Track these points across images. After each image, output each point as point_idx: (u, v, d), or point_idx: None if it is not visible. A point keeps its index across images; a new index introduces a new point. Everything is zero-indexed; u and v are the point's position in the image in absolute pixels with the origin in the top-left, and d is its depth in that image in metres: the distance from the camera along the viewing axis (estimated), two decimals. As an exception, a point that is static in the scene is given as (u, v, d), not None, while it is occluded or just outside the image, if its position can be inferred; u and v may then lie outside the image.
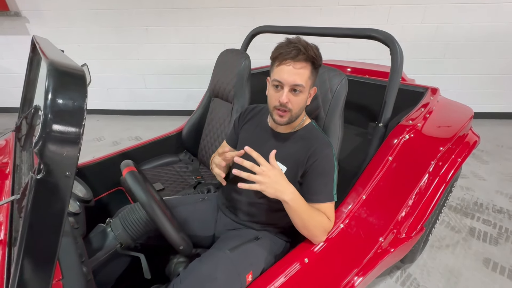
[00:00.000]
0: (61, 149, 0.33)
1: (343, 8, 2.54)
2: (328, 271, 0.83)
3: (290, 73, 0.75)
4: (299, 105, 0.79)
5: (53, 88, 0.33)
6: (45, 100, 0.32)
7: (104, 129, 2.97)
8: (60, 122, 0.33)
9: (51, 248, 0.35)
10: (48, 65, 0.35)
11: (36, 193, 0.33)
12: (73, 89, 0.34)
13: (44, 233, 0.35)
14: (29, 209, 0.33)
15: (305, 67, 0.76)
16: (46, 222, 0.34)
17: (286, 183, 0.71)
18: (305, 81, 0.76)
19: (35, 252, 0.35)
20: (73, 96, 0.34)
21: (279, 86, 0.78)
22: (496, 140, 2.55)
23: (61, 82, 0.34)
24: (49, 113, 0.32)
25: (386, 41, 1.01)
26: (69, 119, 0.34)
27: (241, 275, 0.75)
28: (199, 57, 2.88)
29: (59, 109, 0.33)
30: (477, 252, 1.46)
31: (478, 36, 2.58)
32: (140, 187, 0.68)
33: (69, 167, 0.34)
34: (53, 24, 2.77)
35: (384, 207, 0.96)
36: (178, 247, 0.71)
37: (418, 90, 1.39)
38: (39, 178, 0.33)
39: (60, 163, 0.34)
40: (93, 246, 0.72)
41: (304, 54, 0.74)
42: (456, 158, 1.08)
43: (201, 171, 1.54)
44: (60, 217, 0.35)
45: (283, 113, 0.79)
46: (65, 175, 0.34)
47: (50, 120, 0.32)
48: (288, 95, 0.77)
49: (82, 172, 1.29)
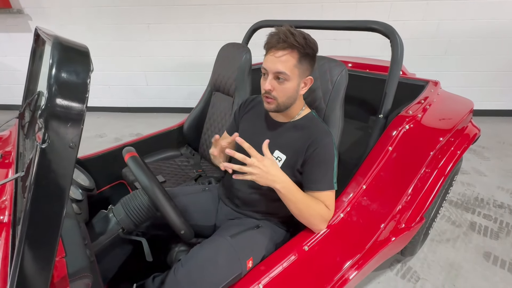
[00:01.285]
0: (66, 121, 0.34)
1: (344, 4, 2.55)
2: (328, 259, 0.83)
3: (272, 61, 0.76)
4: (285, 94, 0.79)
5: (58, 60, 0.33)
6: (50, 72, 0.33)
7: (105, 126, 2.99)
8: (64, 94, 0.34)
9: (56, 217, 0.36)
10: (53, 39, 0.36)
11: (41, 162, 0.34)
12: (78, 62, 0.35)
13: (48, 202, 0.36)
14: (33, 177, 0.34)
15: (288, 54, 0.75)
16: (50, 190, 0.35)
17: (277, 172, 0.73)
18: (289, 68, 0.76)
19: (40, 221, 0.36)
20: (78, 70, 0.35)
21: (265, 74, 0.79)
22: (497, 137, 2.55)
23: (66, 55, 0.35)
24: (54, 85, 0.33)
25: (387, 33, 1.01)
26: (73, 92, 0.35)
27: (242, 261, 0.76)
28: (200, 54, 2.89)
29: (64, 81, 0.34)
30: (477, 246, 1.46)
31: (480, 33, 2.58)
32: (142, 170, 0.69)
33: (73, 138, 0.35)
34: (55, 21, 2.79)
35: (384, 197, 0.96)
36: (180, 231, 0.72)
37: (418, 83, 1.39)
38: (44, 147, 0.33)
39: (64, 134, 0.34)
40: (96, 230, 0.73)
41: (284, 42, 0.74)
42: (456, 150, 1.08)
43: (202, 165, 1.55)
44: (64, 186, 0.36)
45: (269, 100, 0.80)
46: (69, 145, 0.35)
47: (55, 91, 0.33)
48: (272, 82, 0.78)
49: (84, 165, 1.30)
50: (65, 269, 0.47)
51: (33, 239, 0.37)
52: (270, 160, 0.73)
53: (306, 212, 0.78)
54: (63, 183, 0.36)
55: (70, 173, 0.36)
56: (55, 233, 0.37)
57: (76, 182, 0.92)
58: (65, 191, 0.36)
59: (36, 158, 0.34)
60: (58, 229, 0.37)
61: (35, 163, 0.34)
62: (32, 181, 0.34)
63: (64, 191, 0.36)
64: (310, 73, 0.83)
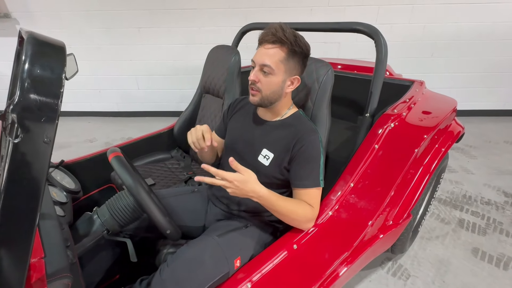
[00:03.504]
0: (39, 115, 0.34)
1: (333, 8, 2.60)
2: (317, 257, 0.83)
3: (260, 53, 0.79)
4: (269, 87, 0.80)
5: (31, 54, 0.33)
6: (23, 66, 0.33)
7: (96, 131, 2.95)
8: (38, 89, 0.34)
9: (30, 214, 0.36)
10: (28, 34, 0.36)
11: (14, 157, 0.33)
12: (52, 57, 0.35)
13: (22, 198, 0.35)
14: (6, 173, 0.33)
15: (277, 49, 0.77)
16: (24, 185, 0.35)
17: (253, 185, 0.70)
18: (274, 62, 0.77)
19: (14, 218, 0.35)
20: (52, 64, 0.35)
21: (254, 66, 0.81)
22: (484, 136, 2.61)
23: (40, 50, 0.35)
24: (27, 79, 0.33)
25: (371, 34, 1.04)
26: (47, 86, 0.35)
27: (229, 260, 0.75)
28: (192, 58, 2.89)
29: (37, 76, 0.33)
30: (466, 242, 1.49)
31: (464, 35, 2.66)
32: (125, 170, 0.68)
33: (48, 133, 0.35)
34: (43, 25, 2.76)
35: (371, 194, 0.97)
36: (165, 231, 0.71)
37: (404, 83, 1.42)
38: (17, 142, 0.33)
39: (38, 129, 0.34)
40: (80, 233, 0.72)
41: (273, 35, 0.76)
42: (440, 147, 1.10)
43: (193, 167, 1.54)
44: (39, 183, 0.35)
45: (254, 92, 0.82)
46: (43, 141, 0.35)
47: (28, 86, 0.33)
48: (258, 74, 0.80)
49: (72, 168, 1.28)
50: (43, 270, 0.46)
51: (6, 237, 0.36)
52: (241, 176, 0.69)
53: (288, 217, 0.79)
54: (37, 178, 0.35)
55: (45, 168, 0.36)
56: (30, 230, 0.36)
57: (61, 184, 0.91)
58: (39, 187, 0.36)
59: (9, 154, 0.34)
60: (33, 226, 0.36)
61: (7, 159, 0.34)
62: (4, 176, 0.34)
63: (38, 187, 0.36)
64: (298, 73, 0.83)
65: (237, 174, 0.68)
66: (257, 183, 0.71)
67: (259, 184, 0.72)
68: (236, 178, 0.67)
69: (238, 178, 0.68)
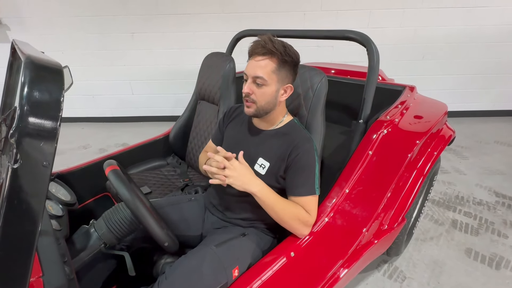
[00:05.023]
0: (38, 140, 0.34)
1: (326, 13, 2.63)
2: (314, 264, 0.84)
3: (252, 65, 0.80)
4: (264, 98, 0.82)
5: (30, 80, 0.34)
6: (21, 92, 0.33)
7: (90, 137, 2.92)
8: (36, 114, 0.34)
9: (29, 239, 0.36)
10: (25, 59, 0.36)
11: (13, 182, 0.34)
12: (50, 81, 0.35)
13: (21, 223, 0.35)
14: (5, 198, 0.34)
15: (267, 60, 0.78)
16: (22, 210, 0.35)
17: (252, 177, 0.79)
18: (267, 74, 0.79)
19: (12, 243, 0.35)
20: (50, 88, 0.35)
21: (246, 79, 0.83)
22: (475, 137, 2.67)
23: (38, 75, 0.35)
24: (26, 105, 0.33)
25: (363, 42, 1.06)
26: (46, 111, 0.35)
27: (227, 270, 0.76)
28: (186, 62, 2.89)
29: (36, 101, 0.34)
30: (459, 242, 1.52)
31: (453, 38, 2.72)
32: (123, 184, 0.68)
33: (47, 157, 0.35)
34: (35, 31, 2.73)
35: (366, 200, 0.99)
36: (163, 244, 0.71)
37: (396, 88, 1.45)
38: (16, 167, 0.33)
39: (37, 153, 0.34)
40: (77, 247, 0.71)
41: (263, 47, 0.77)
42: (433, 151, 1.13)
43: (189, 174, 1.54)
44: (38, 207, 0.35)
45: (248, 104, 0.83)
46: (42, 164, 0.35)
47: (27, 111, 0.33)
48: (251, 86, 0.81)
49: (67, 178, 1.27)
50: (42, 289, 0.46)
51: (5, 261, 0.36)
52: (246, 166, 0.79)
53: (284, 216, 0.80)
54: (36, 203, 0.36)
55: (43, 192, 0.36)
56: (29, 254, 0.36)
57: (56, 197, 0.90)
58: (38, 211, 0.36)
59: (7, 179, 0.34)
60: (32, 250, 0.36)
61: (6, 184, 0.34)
62: (3, 202, 0.34)
63: (37, 211, 0.36)
64: (290, 81, 0.85)
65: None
66: (256, 177, 0.79)
67: (258, 178, 0.79)
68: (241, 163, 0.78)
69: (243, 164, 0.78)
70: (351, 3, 2.58)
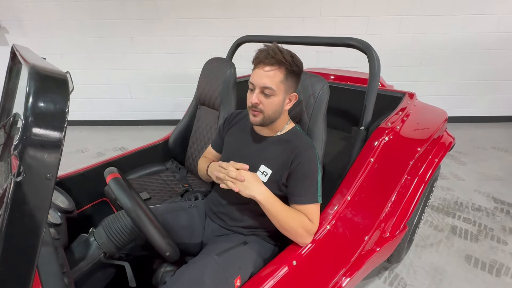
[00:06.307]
0: (42, 152, 0.33)
1: (325, 19, 2.65)
2: (316, 272, 0.83)
3: (260, 75, 0.79)
4: (271, 108, 0.81)
5: (35, 91, 0.33)
6: (26, 103, 0.33)
7: (87, 141, 2.90)
8: (41, 125, 0.33)
9: (31, 253, 0.34)
10: (30, 68, 0.35)
11: (15, 195, 0.33)
12: (55, 92, 0.35)
13: (23, 237, 0.34)
14: (8, 211, 0.33)
15: (276, 70, 0.78)
16: (25, 224, 0.34)
17: (258, 184, 0.79)
18: (275, 84, 0.79)
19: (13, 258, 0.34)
20: (55, 99, 0.34)
21: (253, 88, 0.82)
22: (472, 142, 2.69)
23: (43, 85, 0.34)
24: (30, 116, 0.33)
25: (364, 49, 1.06)
26: (50, 122, 0.34)
27: (229, 280, 0.75)
28: (185, 67, 2.89)
29: (40, 112, 0.33)
30: (459, 249, 1.51)
31: (451, 45, 2.75)
32: (124, 192, 0.67)
33: (50, 169, 0.34)
34: (34, 34, 2.72)
35: (368, 208, 0.98)
36: (164, 253, 0.70)
37: (396, 95, 1.46)
38: (19, 180, 0.32)
39: (41, 166, 0.33)
40: (76, 256, 0.70)
41: (273, 58, 0.77)
42: (433, 158, 1.13)
43: (189, 179, 1.53)
44: (40, 221, 0.35)
45: (256, 113, 0.82)
46: (46, 177, 0.34)
47: (31, 123, 0.32)
48: (259, 96, 0.80)
49: (64, 184, 1.25)
50: (41, 303, 0.45)
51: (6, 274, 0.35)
52: (252, 174, 0.80)
53: (287, 224, 0.79)
54: (39, 216, 0.35)
55: (46, 205, 0.35)
56: (30, 270, 0.35)
57: (55, 204, 0.88)
58: (41, 225, 0.35)
59: (10, 191, 0.33)
60: (33, 265, 0.35)
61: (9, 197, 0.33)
62: (5, 216, 0.33)
63: (40, 225, 0.35)
64: (295, 90, 0.86)
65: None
66: (262, 184, 0.80)
67: (264, 185, 0.80)
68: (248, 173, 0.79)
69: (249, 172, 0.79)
70: (349, 10, 2.60)
